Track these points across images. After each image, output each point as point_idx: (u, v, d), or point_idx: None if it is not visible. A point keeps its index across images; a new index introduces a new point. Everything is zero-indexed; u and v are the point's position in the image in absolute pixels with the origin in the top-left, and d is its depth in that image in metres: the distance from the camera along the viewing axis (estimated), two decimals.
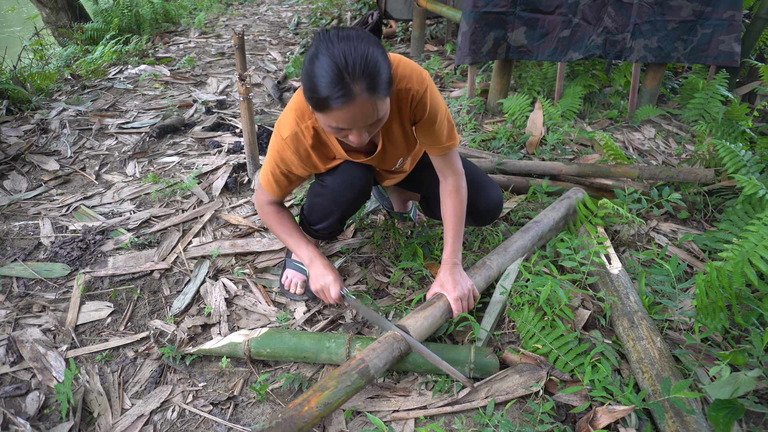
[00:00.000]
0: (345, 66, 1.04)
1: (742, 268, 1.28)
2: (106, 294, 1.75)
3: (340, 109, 1.08)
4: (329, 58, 1.05)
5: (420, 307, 1.45)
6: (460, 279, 1.49)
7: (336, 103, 1.07)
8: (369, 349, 1.32)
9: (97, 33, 5.17)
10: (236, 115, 3.32)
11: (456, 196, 1.52)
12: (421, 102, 1.33)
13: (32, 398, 1.37)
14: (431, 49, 4.70)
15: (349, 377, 1.24)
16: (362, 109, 1.10)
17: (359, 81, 1.06)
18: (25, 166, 2.60)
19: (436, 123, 1.39)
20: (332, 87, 1.05)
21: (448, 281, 1.48)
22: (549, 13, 2.86)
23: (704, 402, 1.30)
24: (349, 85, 1.05)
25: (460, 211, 1.52)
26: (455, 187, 1.52)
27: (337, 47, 1.06)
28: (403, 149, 1.50)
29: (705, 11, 2.76)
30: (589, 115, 3.17)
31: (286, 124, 1.37)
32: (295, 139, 1.37)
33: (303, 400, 1.18)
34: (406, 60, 1.32)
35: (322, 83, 1.06)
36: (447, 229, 1.54)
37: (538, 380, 1.35)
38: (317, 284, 1.51)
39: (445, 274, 1.49)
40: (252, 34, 5.52)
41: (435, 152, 1.47)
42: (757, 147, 2.33)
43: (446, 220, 1.54)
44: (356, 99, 1.07)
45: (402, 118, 1.40)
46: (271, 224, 1.57)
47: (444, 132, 1.43)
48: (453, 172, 1.51)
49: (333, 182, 1.48)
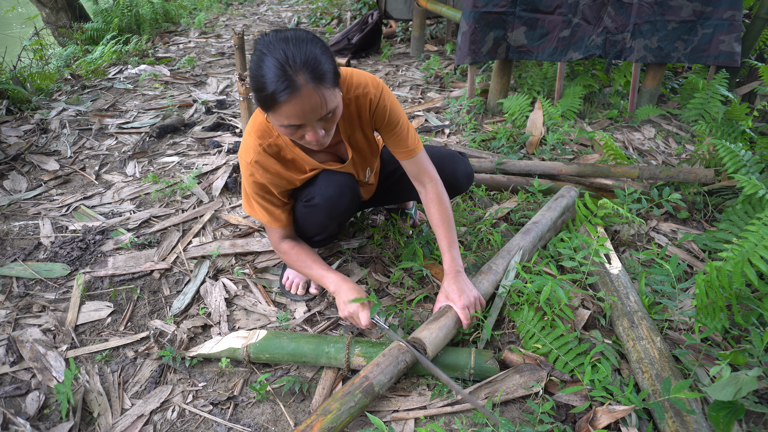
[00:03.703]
0: (286, 60, 1.09)
1: (742, 268, 1.28)
2: (106, 294, 1.75)
3: (287, 103, 1.11)
4: (271, 57, 1.09)
5: (432, 318, 1.44)
6: (465, 288, 1.47)
7: (282, 96, 1.09)
8: (373, 365, 1.30)
9: (97, 33, 5.17)
10: (236, 115, 3.32)
11: (440, 204, 1.52)
12: (380, 105, 1.39)
13: (32, 398, 1.37)
14: (431, 49, 4.70)
15: (353, 398, 1.23)
16: (309, 100, 1.12)
17: (301, 72, 1.09)
18: (25, 166, 2.60)
19: (399, 124, 1.44)
20: (276, 81, 1.09)
21: (453, 291, 1.46)
22: (549, 13, 2.86)
23: (704, 402, 1.30)
24: (292, 77, 1.09)
25: (448, 217, 1.52)
26: (436, 195, 1.52)
27: (277, 47, 1.10)
28: (369, 157, 1.54)
29: (705, 11, 2.76)
30: (589, 115, 3.17)
31: (249, 149, 1.37)
32: (261, 159, 1.37)
33: (306, 426, 1.17)
34: (359, 70, 1.39)
35: (268, 80, 1.09)
36: (440, 239, 1.53)
37: (538, 380, 1.35)
38: (345, 311, 1.47)
39: (449, 284, 1.48)
40: (252, 34, 5.52)
41: (404, 156, 1.50)
42: (757, 147, 2.32)
43: (437, 230, 1.54)
44: (301, 90, 1.10)
45: (363, 125, 1.44)
46: (290, 262, 1.57)
47: (408, 133, 1.47)
48: (429, 178, 1.53)
49: (322, 198, 1.47)
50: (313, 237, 1.64)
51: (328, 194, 1.46)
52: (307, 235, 1.62)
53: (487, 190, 2.31)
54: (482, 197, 2.24)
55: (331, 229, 1.60)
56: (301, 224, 1.57)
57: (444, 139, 2.90)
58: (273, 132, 1.36)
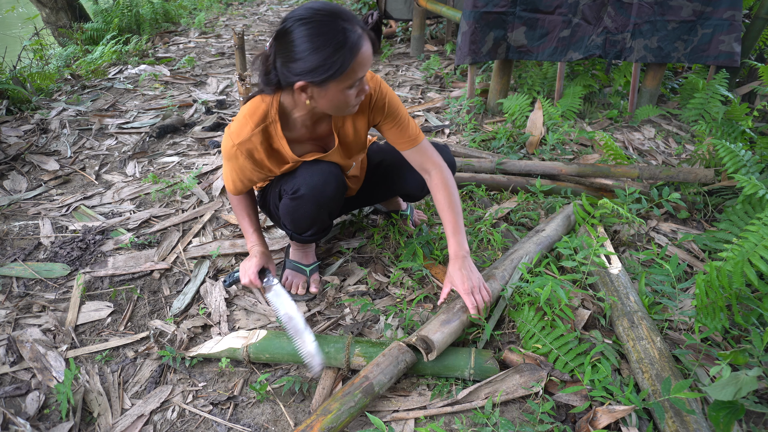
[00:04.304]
0: (340, 16, 1.14)
1: (742, 268, 1.28)
2: (106, 294, 1.75)
3: (364, 51, 1.17)
4: (329, 20, 1.14)
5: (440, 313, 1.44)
6: (470, 273, 1.46)
7: (361, 43, 1.16)
8: (373, 365, 1.31)
9: (97, 33, 5.17)
10: (236, 115, 3.31)
11: (445, 189, 1.52)
12: (379, 98, 1.44)
13: (32, 398, 1.37)
14: (431, 49, 4.70)
15: (353, 398, 1.23)
16: (369, 45, 1.20)
17: (354, 20, 1.17)
18: (25, 166, 2.60)
19: (399, 115, 1.48)
20: (350, 33, 1.14)
21: (457, 276, 1.46)
22: (549, 13, 2.86)
23: (704, 402, 1.30)
24: (356, 25, 1.16)
25: (453, 202, 1.51)
26: (442, 180, 1.52)
27: (320, 12, 1.14)
28: (354, 151, 1.56)
29: (705, 11, 2.76)
30: (589, 115, 3.17)
31: (241, 129, 1.37)
32: (248, 143, 1.37)
33: (306, 426, 1.17)
34: None
35: (344, 36, 1.14)
36: (446, 224, 1.52)
37: (538, 380, 1.35)
38: (242, 265, 1.53)
39: (453, 270, 1.48)
40: (252, 34, 5.52)
41: (407, 146, 1.52)
42: (756, 147, 2.32)
43: (442, 215, 1.53)
44: (364, 33, 1.18)
45: (355, 119, 1.47)
46: (231, 203, 1.62)
47: (409, 123, 1.51)
48: (433, 164, 1.53)
49: (308, 187, 1.46)
50: (304, 232, 1.63)
51: (312, 183, 1.46)
52: (299, 230, 1.62)
53: (487, 190, 2.31)
54: (482, 197, 2.25)
55: (321, 219, 1.58)
56: (290, 219, 1.56)
57: (444, 139, 2.90)
58: (268, 118, 1.36)
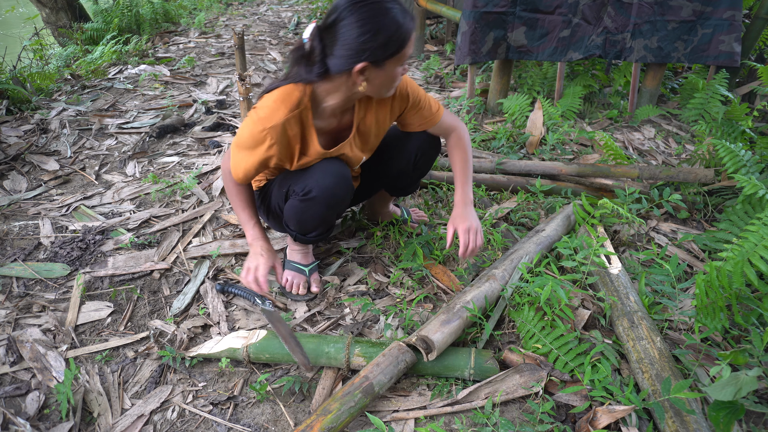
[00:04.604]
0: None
1: (742, 268, 1.28)
2: (106, 294, 1.75)
3: (410, 23, 1.25)
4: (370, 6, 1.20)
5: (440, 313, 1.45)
6: (470, 216, 1.58)
7: (412, 27, 1.26)
8: (373, 365, 1.31)
9: (97, 33, 5.16)
10: (236, 115, 3.32)
11: (459, 145, 1.65)
12: (402, 86, 1.50)
13: (32, 398, 1.37)
14: (431, 49, 4.70)
15: (353, 398, 1.23)
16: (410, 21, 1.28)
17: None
18: (25, 166, 2.60)
19: (420, 98, 1.55)
20: (404, 16, 1.23)
21: (458, 216, 1.58)
22: (549, 13, 2.86)
23: (704, 402, 1.30)
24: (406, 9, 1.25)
25: (465, 158, 1.64)
26: (457, 138, 1.66)
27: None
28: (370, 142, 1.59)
29: (705, 11, 2.76)
30: (589, 115, 3.17)
31: (273, 114, 1.32)
32: (283, 128, 1.34)
33: (306, 426, 1.18)
34: None
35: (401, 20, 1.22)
36: (456, 175, 1.65)
37: (538, 380, 1.35)
38: (248, 263, 1.49)
39: (456, 212, 1.59)
40: (252, 34, 5.52)
41: (431, 124, 1.61)
42: (756, 147, 2.33)
43: (455, 167, 1.65)
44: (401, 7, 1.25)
45: (378, 111, 1.51)
46: (230, 197, 1.56)
47: (429, 102, 1.58)
48: (453, 128, 1.66)
49: (319, 189, 1.46)
50: (309, 232, 1.63)
51: (325, 184, 1.46)
52: (303, 231, 1.62)
53: (487, 190, 2.31)
54: (482, 197, 2.25)
55: (328, 221, 1.60)
56: (297, 219, 1.56)
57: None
58: (302, 105, 1.35)
